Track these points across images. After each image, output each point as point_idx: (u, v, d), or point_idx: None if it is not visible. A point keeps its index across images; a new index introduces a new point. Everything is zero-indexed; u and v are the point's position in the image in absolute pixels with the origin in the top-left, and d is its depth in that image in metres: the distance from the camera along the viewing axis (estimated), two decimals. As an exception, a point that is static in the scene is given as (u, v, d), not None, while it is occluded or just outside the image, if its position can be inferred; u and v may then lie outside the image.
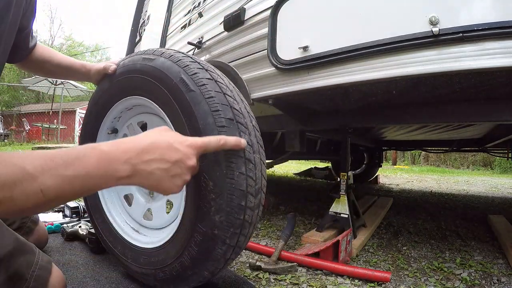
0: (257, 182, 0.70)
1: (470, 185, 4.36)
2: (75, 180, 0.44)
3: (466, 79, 0.87)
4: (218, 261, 0.70)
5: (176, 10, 1.92)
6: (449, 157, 13.60)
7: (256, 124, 0.77)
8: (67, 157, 0.45)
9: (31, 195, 0.42)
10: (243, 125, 0.69)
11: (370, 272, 0.97)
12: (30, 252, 0.65)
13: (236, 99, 0.72)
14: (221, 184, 0.64)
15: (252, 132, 0.72)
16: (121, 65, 0.88)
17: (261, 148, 0.74)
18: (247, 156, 0.68)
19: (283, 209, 2.07)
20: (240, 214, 0.67)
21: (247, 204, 0.68)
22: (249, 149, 0.68)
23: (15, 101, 17.63)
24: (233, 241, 0.69)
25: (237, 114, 0.69)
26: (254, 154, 0.70)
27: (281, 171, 5.71)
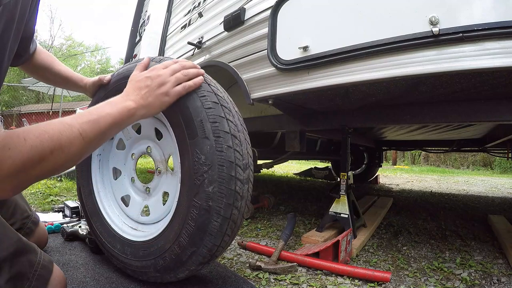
0: (244, 158, 0.77)
1: (470, 185, 4.36)
2: (101, 120, 0.61)
3: (466, 79, 0.87)
4: (215, 236, 0.73)
5: (176, 10, 1.92)
6: (449, 157, 13.61)
7: (238, 110, 0.85)
8: (90, 109, 0.63)
9: (74, 139, 0.55)
10: (226, 107, 0.78)
11: (370, 272, 0.97)
12: (32, 252, 0.66)
13: (220, 89, 0.82)
14: (212, 157, 0.71)
15: (235, 115, 0.80)
16: (116, 75, 0.93)
17: (244, 130, 0.82)
18: (233, 132, 0.75)
19: (283, 209, 2.07)
20: (231, 184, 0.72)
21: (237, 175, 0.74)
22: (233, 127, 0.76)
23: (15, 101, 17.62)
24: (227, 213, 0.72)
25: (221, 100, 0.78)
26: (239, 133, 0.78)
27: (281, 171, 5.71)
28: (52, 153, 0.51)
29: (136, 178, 1.01)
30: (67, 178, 2.79)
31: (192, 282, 0.91)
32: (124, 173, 1.03)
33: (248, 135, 0.84)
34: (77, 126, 0.56)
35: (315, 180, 4.19)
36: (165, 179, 0.92)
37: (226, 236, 0.76)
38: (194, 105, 0.75)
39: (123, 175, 1.02)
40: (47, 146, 0.51)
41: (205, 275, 0.96)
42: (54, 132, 0.52)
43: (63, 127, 0.54)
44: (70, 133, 0.55)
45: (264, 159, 2.02)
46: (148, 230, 0.91)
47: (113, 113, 0.64)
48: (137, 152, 0.99)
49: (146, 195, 0.97)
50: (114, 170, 1.05)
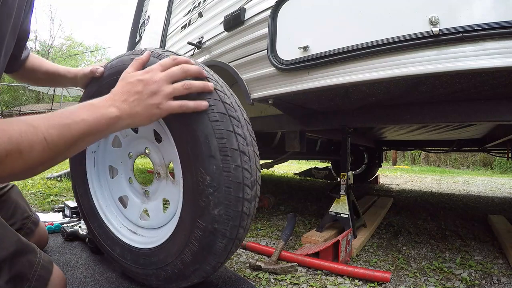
0: (252, 174, 0.71)
1: (470, 185, 4.36)
2: (73, 126, 0.53)
3: (466, 79, 0.87)
4: (220, 255, 0.71)
5: (176, 10, 1.92)
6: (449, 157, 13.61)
7: (247, 117, 0.78)
8: (64, 111, 0.55)
9: (36, 143, 0.48)
10: (235, 118, 0.70)
11: (370, 272, 0.97)
12: (32, 252, 0.65)
13: (227, 93, 0.74)
14: (218, 178, 0.65)
15: (244, 125, 0.73)
16: (109, 67, 0.85)
17: (253, 141, 0.75)
18: (241, 148, 0.69)
19: (283, 209, 2.07)
20: (238, 206, 0.68)
21: (245, 196, 0.69)
22: (242, 141, 0.69)
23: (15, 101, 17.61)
24: (233, 234, 0.69)
25: (229, 109, 0.70)
26: (248, 147, 0.71)
27: (281, 171, 5.71)
28: (7, 157, 0.45)
29: (134, 179, 0.97)
30: (67, 178, 2.78)
31: (192, 282, 0.91)
32: (121, 173, 0.98)
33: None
34: (43, 129, 0.49)
35: (315, 180, 4.19)
36: (166, 185, 0.87)
37: (231, 253, 0.74)
38: (198, 117, 0.66)
39: (120, 174, 0.98)
40: (3, 148, 0.44)
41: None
42: (15, 132, 0.46)
43: (27, 128, 0.47)
44: (33, 137, 0.48)
45: (264, 159, 2.02)
46: (148, 235, 0.88)
47: (89, 120, 0.55)
48: (135, 152, 0.94)
49: (145, 198, 0.94)
50: (110, 168, 1.00)
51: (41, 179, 2.79)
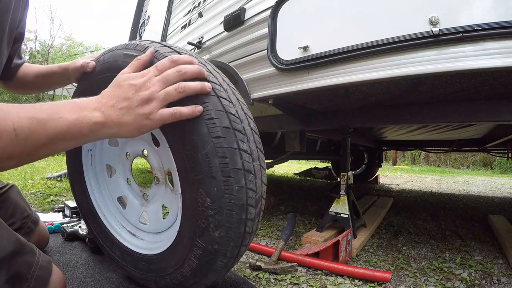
0: (257, 192, 0.65)
1: (470, 185, 4.36)
2: (49, 122, 0.46)
3: (466, 79, 0.87)
4: (220, 272, 0.69)
5: (176, 10, 1.92)
6: (449, 157, 13.61)
7: (255, 126, 0.70)
8: (45, 104, 0.48)
9: (3, 131, 0.42)
10: (240, 131, 0.63)
11: (370, 272, 0.97)
12: (31, 252, 0.65)
13: (232, 100, 0.66)
14: (219, 200, 0.60)
15: (250, 136, 0.65)
16: (101, 61, 0.76)
17: (260, 153, 0.69)
18: (246, 167, 0.62)
19: (283, 209, 2.07)
20: (240, 227, 0.64)
21: (248, 216, 0.64)
22: (247, 158, 0.63)
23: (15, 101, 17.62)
24: (233, 253, 0.67)
25: (234, 121, 0.63)
26: (254, 163, 0.65)
27: (281, 171, 5.71)
28: None
29: (132, 180, 0.95)
30: (67, 178, 2.79)
31: (192, 282, 0.91)
32: (118, 172, 0.95)
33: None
34: (15, 118, 0.43)
35: (315, 180, 4.19)
36: (165, 192, 0.83)
37: (231, 267, 0.73)
38: (198, 131, 0.59)
39: (118, 173, 0.95)
40: None
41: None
42: None
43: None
44: (2, 124, 0.42)
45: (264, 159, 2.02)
46: (147, 239, 0.86)
47: (69, 120, 0.49)
48: (132, 152, 0.89)
49: (144, 201, 0.91)
50: (108, 167, 0.97)
51: (41, 179, 2.79)
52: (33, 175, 3.03)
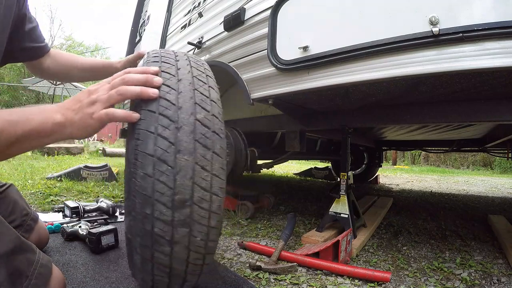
0: (176, 192, 0.56)
1: (470, 185, 4.36)
2: (19, 123, 0.54)
3: (466, 79, 0.87)
4: (138, 270, 0.63)
5: (176, 10, 1.92)
6: (449, 157, 13.61)
7: (210, 120, 0.62)
8: (15, 109, 0.56)
9: None
10: (167, 117, 0.58)
11: (370, 272, 0.97)
12: (31, 251, 0.65)
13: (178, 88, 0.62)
14: (127, 184, 0.59)
15: (186, 127, 0.58)
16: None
17: (204, 150, 0.59)
18: (160, 155, 0.56)
19: (283, 209, 2.07)
20: (145, 223, 0.56)
21: (155, 214, 0.56)
22: (165, 146, 0.56)
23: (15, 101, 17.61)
24: (146, 254, 0.59)
25: (167, 106, 0.59)
26: (178, 154, 0.57)
27: (281, 171, 5.71)
28: None
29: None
30: (67, 178, 2.79)
31: (192, 282, 0.91)
32: None
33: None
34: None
35: (315, 180, 4.19)
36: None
37: (157, 276, 0.62)
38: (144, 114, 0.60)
39: None
40: None
41: (205, 275, 0.96)
42: None
43: None
44: None
45: (264, 159, 2.02)
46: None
47: (35, 121, 0.55)
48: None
49: None
50: None
51: (41, 179, 2.79)
52: (33, 175, 3.03)
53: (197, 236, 0.59)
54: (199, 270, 0.65)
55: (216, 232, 0.62)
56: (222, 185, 0.62)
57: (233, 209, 1.82)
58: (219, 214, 0.62)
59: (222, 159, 0.62)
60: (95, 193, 2.33)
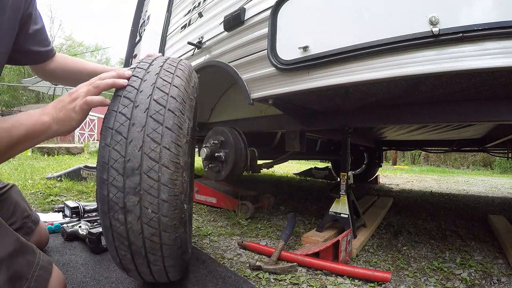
0: (130, 160, 0.63)
1: (470, 185, 4.36)
2: (12, 129, 0.60)
3: (466, 79, 0.87)
4: (107, 242, 0.69)
5: (176, 10, 1.92)
6: (449, 157, 13.61)
7: (161, 98, 0.68)
8: (7, 117, 0.62)
9: None
10: (128, 98, 0.68)
11: (370, 272, 0.97)
12: (31, 252, 0.65)
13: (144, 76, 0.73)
14: (99, 154, 0.67)
15: (142, 105, 0.66)
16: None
17: (157, 124, 0.65)
18: (117, 127, 0.65)
19: (283, 209, 2.07)
20: (103, 189, 0.64)
21: (110, 180, 0.63)
22: (123, 121, 0.65)
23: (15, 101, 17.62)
24: (106, 222, 0.65)
25: (130, 90, 0.69)
26: (133, 128, 0.64)
27: (281, 171, 5.71)
28: None
29: None
30: (67, 178, 2.79)
31: (191, 282, 0.91)
32: None
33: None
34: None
35: (315, 180, 4.19)
36: None
37: (120, 250, 0.68)
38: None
39: None
40: None
41: (205, 275, 0.96)
42: None
43: None
44: None
45: (264, 159, 2.02)
46: None
47: (27, 125, 0.63)
48: None
49: None
50: None
51: (41, 179, 2.79)
52: (33, 175, 3.03)
53: (148, 207, 0.63)
54: (159, 251, 0.67)
55: (169, 207, 0.64)
56: (173, 159, 0.65)
57: (233, 209, 1.82)
58: (170, 188, 0.64)
59: (175, 134, 0.66)
60: (95, 193, 2.33)
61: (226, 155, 1.46)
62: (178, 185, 0.66)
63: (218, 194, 2.01)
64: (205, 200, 2.08)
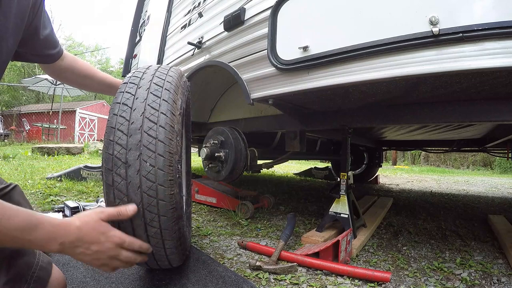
0: (132, 122, 0.75)
1: (470, 185, 4.36)
2: (16, 239, 0.53)
3: (466, 79, 0.87)
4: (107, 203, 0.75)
5: (176, 10, 1.92)
6: (449, 157, 13.61)
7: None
8: (22, 223, 0.54)
9: None
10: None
11: (370, 272, 0.97)
12: (30, 253, 0.65)
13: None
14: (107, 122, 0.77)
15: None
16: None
17: (155, 97, 0.79)
18: (123, 101, 0.78)
19: (283, 209, 2.07)
20: (108, 148, 0.73)
21: (115, 139, 0.73)
22: (128, 96, 0.78)
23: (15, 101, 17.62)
24: (108, 179, 0.73)
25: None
26: (133, 111, 0.76)
27: (281, 171, 5.71)
28: None
29: None
30: (67, 178, 2.79)
31: (192, 282, 0.91)
32: None
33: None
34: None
35: (315, 180, 4.19)
36: None
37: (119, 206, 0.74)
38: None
39: None
40: None
41: (205, 275, 0.96)
42: None
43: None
44: None
45: (264, 159, 2.02)
46: None
47: (34, 242, 0.56)
48: None
49: None
50: None
51: (41, 179, 2.79)
52: (33, 175, 3.03)
53: (147, 160, 0.72)
54: (155, 208, 0.72)
55: (164, 162, 0.73)
56: (169, 122, 0.77)
57: (233, 209, 1.82)
58: (166, 144, 0.75)
59: (170, 105, 0.80)
60: (95, 193, 2.33)
61: (226, 155, 1.46)
62: (173, 144, 0.76)
63: (218, 194, 2.01)
64: (205, 200, 2.08)
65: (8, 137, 10.36)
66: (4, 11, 0.63)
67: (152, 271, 0.97)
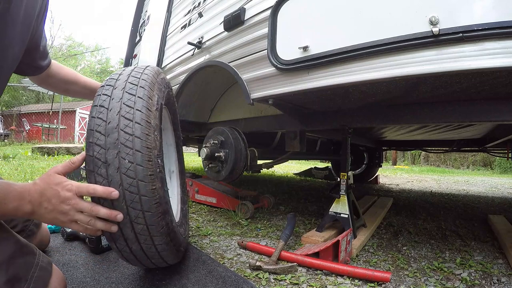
0: (109, 122, 0.75)
1: (470, 185, 4.36)
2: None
3: (466, 79, 0.87)
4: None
5: (176, 10, 1.92)
6: (449, 157, 13.62)
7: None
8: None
9: None
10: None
11: (370, 272, 0.97)
12: (30, 253, 0.65)
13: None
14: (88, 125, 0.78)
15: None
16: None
17: (130, 96, 0.79)
18: (101, 103, 0.78)
19: (283, 209, 2.07)
20: (89, 150, 0.74)
21: (94, 140, 0.74)
22: (104, 98, 0.79)
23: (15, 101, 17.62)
24: (91, 179, 0.73)
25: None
26: (112, 100, 0.78)
27: (281, 171, 5.71)
28: None
29: None
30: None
31: (191, 282, 0.91)
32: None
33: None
34: None
35: (315, 180, 4.19)
36: None
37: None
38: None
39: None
40: None
41: (205, 275, 0.96)
42: None
43: None
44: None
45: (264, 159, 2.02)
46: None
47: (9, 206, 0.62)
48: None
49: None
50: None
51: (41, 179, 2.79)
52: (33, 175, 3.03)
53: (125, 157, 0.72)
54: (139, 204, 0.72)
55: (142, 157, 0.73)
56: (144, 118, 0.77)
57: (233, 209, 1.82)
58: (143, 140, 0.75)
59: (145, 101, 0.80)
60: (95, 193, 2.33)
61: (226, 155, 1.46)
62: (150, 139, 0.76)
63: (218, 194, 2.01)
64: (205, 200, 2.08)
65: (8, 137, 10.37)
66: (12, 18, 0.63)
67: (152, 271, 0.97)
